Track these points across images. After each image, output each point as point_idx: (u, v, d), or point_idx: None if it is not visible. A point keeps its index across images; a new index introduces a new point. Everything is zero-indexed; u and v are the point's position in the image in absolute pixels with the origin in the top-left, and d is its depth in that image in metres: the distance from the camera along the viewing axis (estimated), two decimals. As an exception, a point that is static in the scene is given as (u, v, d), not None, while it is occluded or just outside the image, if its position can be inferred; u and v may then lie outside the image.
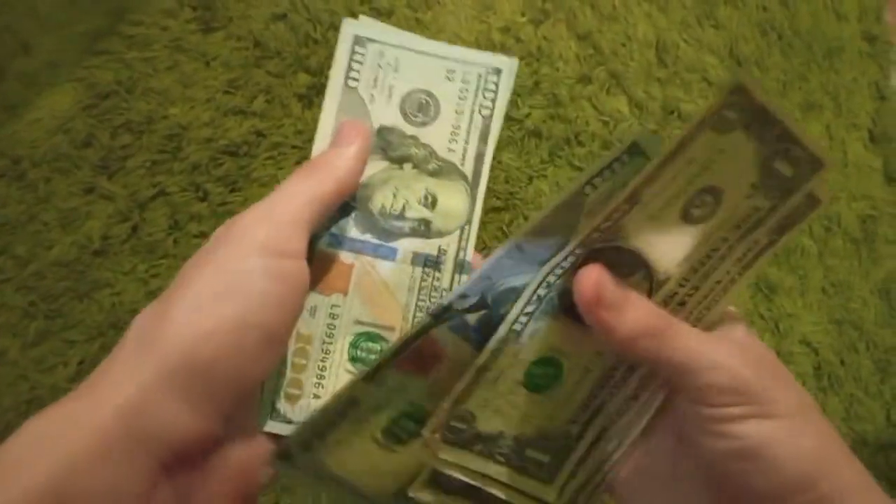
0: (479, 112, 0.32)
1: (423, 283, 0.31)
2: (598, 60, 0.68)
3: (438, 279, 0.31)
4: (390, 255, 0.31)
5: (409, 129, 0.31)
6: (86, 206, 0.57)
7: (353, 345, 0.30)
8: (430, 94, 0.31)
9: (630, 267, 0.27)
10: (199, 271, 0.26)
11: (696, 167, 0.26)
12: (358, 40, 0.30)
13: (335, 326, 0.30)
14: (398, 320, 0.31)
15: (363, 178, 0.31)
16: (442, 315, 0.27)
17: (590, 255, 0.27)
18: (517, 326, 0.27)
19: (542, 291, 0.27)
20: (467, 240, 0.31)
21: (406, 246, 0.31)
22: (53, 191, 0.57)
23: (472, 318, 0.28)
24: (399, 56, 0.31)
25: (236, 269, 0.25)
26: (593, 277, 0.26)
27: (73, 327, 0.55)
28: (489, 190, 0.63)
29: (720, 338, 0.27)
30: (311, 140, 0.63)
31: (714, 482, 0.26)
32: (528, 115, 0.65)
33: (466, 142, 0.31)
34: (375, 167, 0.31)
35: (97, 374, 0.25)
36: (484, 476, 0.28)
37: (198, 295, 0.25)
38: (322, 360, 0.30)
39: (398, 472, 0.30)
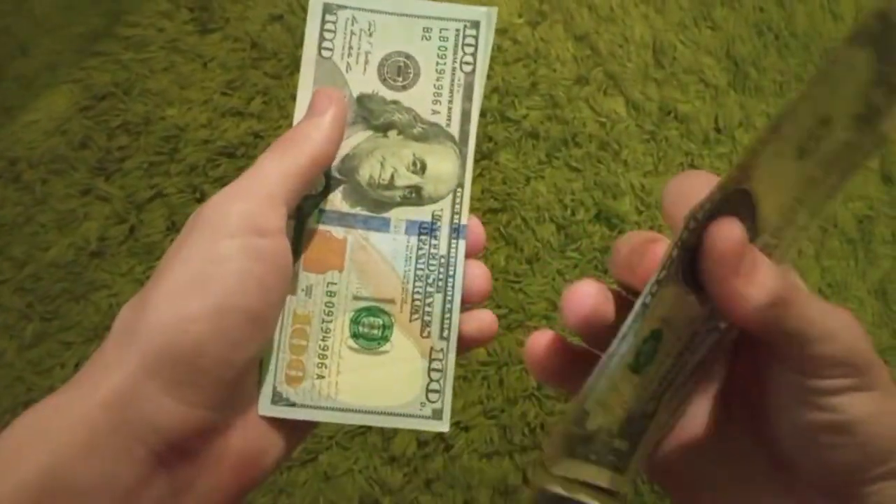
0: (461, 69, 0.31)
1: (421, 252, 0.30)
2: (596, 62, 0.68)
3: (436, 246, 0.30)
4: (383, 226, 0.30)
5: (390, 95, 0.30)
6: (83, 208, 0.57)
7: (354, 321, 0.30)
8: (407, 56, 0.30)
9: (743, 215, 0.23)
10: (176, 257, 0.25)
11: (826, 89, 0.22)
12: (327, 8, 0.30)
13: (333, 304, 0.30)
14: (398, 292, 0.30)
15: (348, 150, 0.30)
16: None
17: (720, 208, 0.22)
18: (647, 299, 0.24)
19: (675, 251, 0.23)
20: (461, 203, 0.30)
21: (398, 215, 0.30)
22: (50, 192, 0.57)
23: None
24: (372, 20, 0.30)
25: (211, 252, 0.25)
26: (734, 235, 0.22)
27: (70, 329, 0.55)
28: (486, 191, 0.63)
29: (834, 307, 0.24)
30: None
31: (785, 457, 0.25)
32: (525, 116, 0.65)
33: (450, 101, 0.30)
34: (359, 137, 0.30)
35: (85, 368, 0.24)
36: (582, 484, 0.25)
37: (175, 281, 0.24)
38: (323, 340, 0.29)
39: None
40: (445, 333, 0.30)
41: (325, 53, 0.30)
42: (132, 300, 0.26)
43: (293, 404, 0.29)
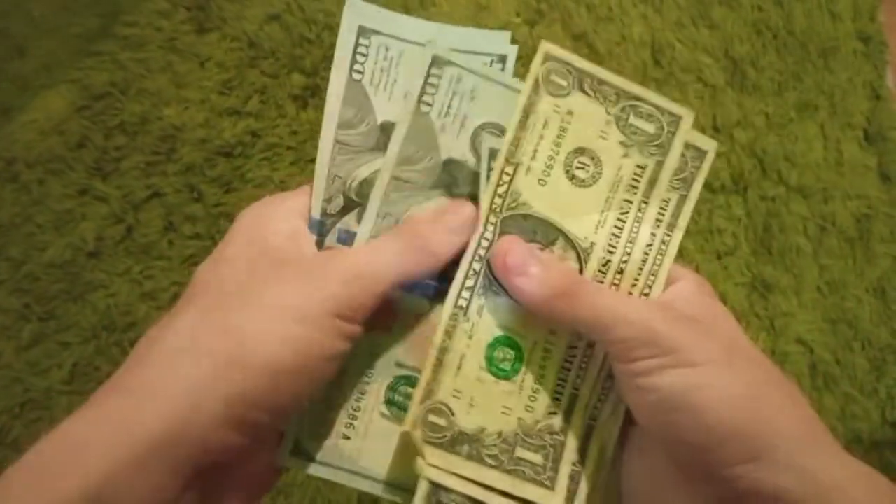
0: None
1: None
2: (594, 61, 0.68)
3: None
4: (442, 296, 0.29)
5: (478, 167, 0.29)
6: (80, 208, 0.57)
7: (392, 388, 0.29)
8: (503, 132, 0.29)
9: (547, 236, 0.28)
10: (269, 284, 0.25)
11: (555, 129, 0.28)
12: (362, 31, 0.29)
13: (374, 367, 0.29)
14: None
15: (366, 173, 0.29)
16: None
17: (506, 228, 0.28)
18: (461, 302, 0.27)
19: (476, 265, 0.27)
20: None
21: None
22: (47, 192, 0.57)
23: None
24: (403, 49, 0.29)
25: (309, 308, 0.24)
26: (504, 244, 0.27)
27: (68, 329, 0.55)
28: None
29: (635, 297, 0.28)
30: (305, 141, 0.63)
31: (658, 440, 0.26)
32: (523, 116, 0.65)
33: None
34: (437, 203, 0.29)
35: (137, 375, 0.24)
36: (485, 487, 0.27)
37: (270, 315, 0.24)
38: (357, 401, 0.29)
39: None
40: None
41: (355, 77, 0.29)
42: (204, 311, 0.25)
43: (312, 460, 0.28)
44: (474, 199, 0.29)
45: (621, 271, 0.28)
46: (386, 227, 0.28)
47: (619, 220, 0.28)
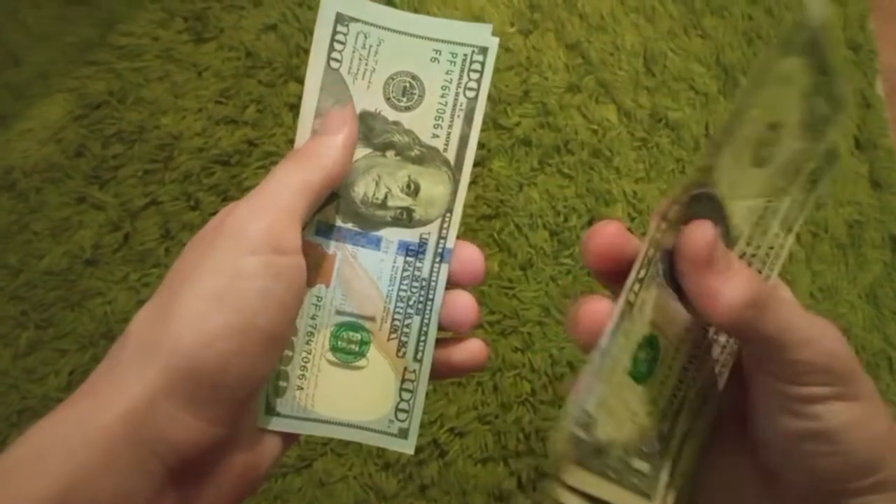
0: (465, 94, 0.30)
1: (405, 273, 0.30)
2: (587, 70, 0.69)
3: (419, 269, 0.30)
4: (373, 243, 0.30)
5: (392, 115, 0.30)
6: (77, 216, 0.57)
7: (335, 334, 0.30)
8: (414, 77, 0.30)
9: (714, 219, 0.24)
10: (198, 270, 0.25)
11: (771, 96, 0.23)
12: (340, 18, 0.29)
13: (317, 317, 0.30)
14: (379, 310, 0.30)
15: None
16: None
17: (693, 210, 0.24)
18: (631, 297, 0.24)
19: (651, 251, 0.24)
20: (448, 228, 0.31)
21: (389, 235, 0.30)
22: (45, 200, 0.57)
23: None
24: (382, 37, 0.30)
25: (236, 268, 0.25)
26: (707, 235, 0.23)
27: (65, 337, 0.55)
28: (480, 198, 0.64)
29: (816, 316, 0.25)
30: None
31: (772, 466, 0.26)
32: (517, 124, 0.66)
33: (451, 126, 0.30)
34: (357, 154, 0.30)
35: (99, 377, 0.24)
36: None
37: (198, 297, 0.24)
38: (305, 352, 0.30)
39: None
40: (419, 356, 0.30)
41: (333, 65, 0.29)
42: (149, 308, 0.25)
43: (278, 414, 0.29)
44: (391, 146, 0.30)
45: (749, 265, 0.26)
46: None
47: (764, 208, 0.25)
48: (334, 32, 0.29)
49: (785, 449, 0.25)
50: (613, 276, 0.26)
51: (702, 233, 0.23)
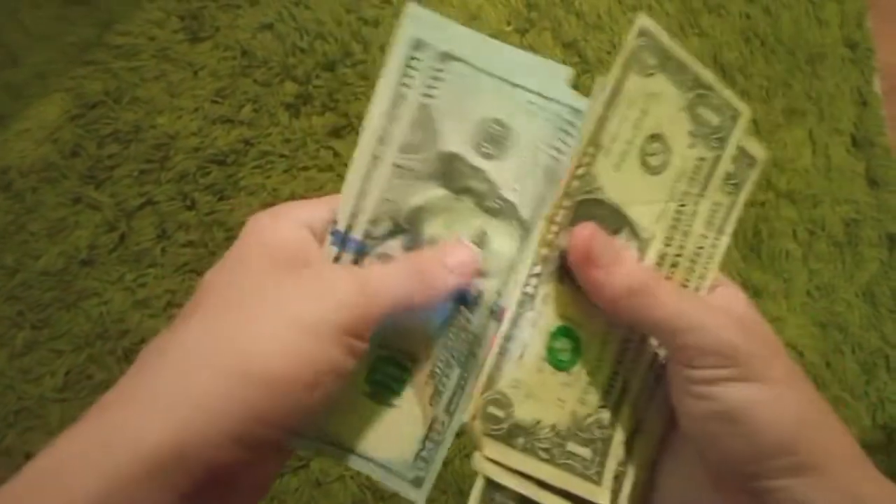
0: (555, 153, 0.29)
1: (455, 321, 0.29)
2: (584, 68, 0.68)
3: (468, 320, 0.29)
4: None
5: (477, 161, 0.29)
6: (73, 216, 0.57)
7: (373, 367, 0.29)
8: (504, 126, 0.29)
9: (614, 224, 0.27)
10: (278, 292, 0.24)
11: (637, 111, 0.27)
12: (443, 57, 0.28)
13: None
14: (422, 350, 0.29)
15: (422, 202, 0.29)
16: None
17: (579, 214, 0.26)
18: (528, 289, 0.27)
19: (544, 250, 0.27)
20: (506, 286, 0.29)
21: None
22: (41, 201, 0.57)
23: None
24: (480, 79, 0.28)
25: (319, 321, 0.24)
26: (586, 233, 0.26)
27: (61, 337, 0.55)
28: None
29: (710, 302, 0.27)
30: (297, 149, 0.64)
31: (696, 449, 0.26)
32: (514, 123, 0.66)
33: (533, 184, 0.29)
34: (434, 192, 0.29)
35: (143, 385, 0.23)
36: (537, 483, 0.26)
37: (278, 327, 0.24)
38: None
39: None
40: (452, 408, 0.29)
41: (424, 100, 0.28)
42: (206, 321, 0.24)
43: (302, 435, 0.28)
44: (469, 192, 0.29)
45: (675, 265, 0.28)
46: (384, 212, 0.28)
47: (677, 211, 0.28)
48: (410, 59, 0.28)
49: (696, 430, 0.26)
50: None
51: (581, 232, 0.26)
